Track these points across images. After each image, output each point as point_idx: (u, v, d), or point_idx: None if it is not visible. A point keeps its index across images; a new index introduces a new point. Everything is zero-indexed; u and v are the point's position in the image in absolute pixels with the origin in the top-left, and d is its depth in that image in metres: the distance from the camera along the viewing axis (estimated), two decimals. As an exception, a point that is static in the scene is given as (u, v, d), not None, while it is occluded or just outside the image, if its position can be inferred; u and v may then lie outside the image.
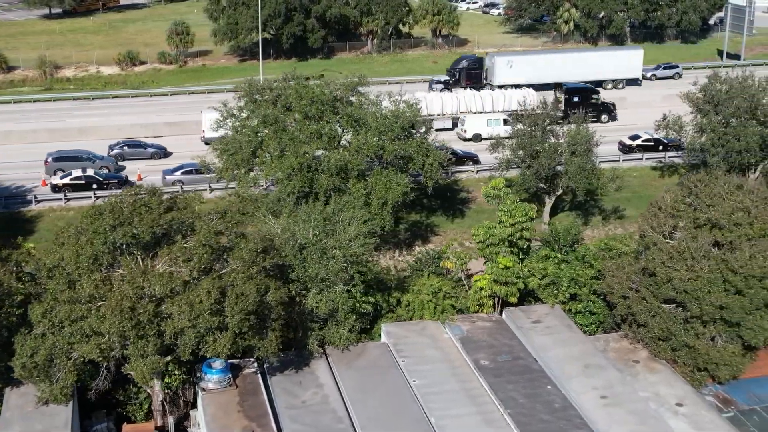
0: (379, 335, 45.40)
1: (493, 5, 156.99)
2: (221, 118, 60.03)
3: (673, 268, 42.42)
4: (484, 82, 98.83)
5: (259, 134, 57.18)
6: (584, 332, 47.63)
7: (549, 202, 64.99)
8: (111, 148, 75.91)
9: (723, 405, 41.55)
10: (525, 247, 49.19)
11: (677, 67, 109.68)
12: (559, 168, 62.39)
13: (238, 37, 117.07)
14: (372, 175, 57.26)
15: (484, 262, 47.95)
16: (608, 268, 47.07)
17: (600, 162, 74.96)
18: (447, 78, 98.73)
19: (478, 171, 72.79)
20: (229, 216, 40.49)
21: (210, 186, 67.17)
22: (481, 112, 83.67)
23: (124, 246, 38.27)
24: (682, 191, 46.93)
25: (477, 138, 79.75)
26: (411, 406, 38.96)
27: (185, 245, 38.10)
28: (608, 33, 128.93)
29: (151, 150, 76.49)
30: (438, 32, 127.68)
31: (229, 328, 36.51)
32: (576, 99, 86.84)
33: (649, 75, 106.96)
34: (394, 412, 38.47)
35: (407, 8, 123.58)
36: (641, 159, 76.48)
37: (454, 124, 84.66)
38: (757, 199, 44.35)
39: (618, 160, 76.30)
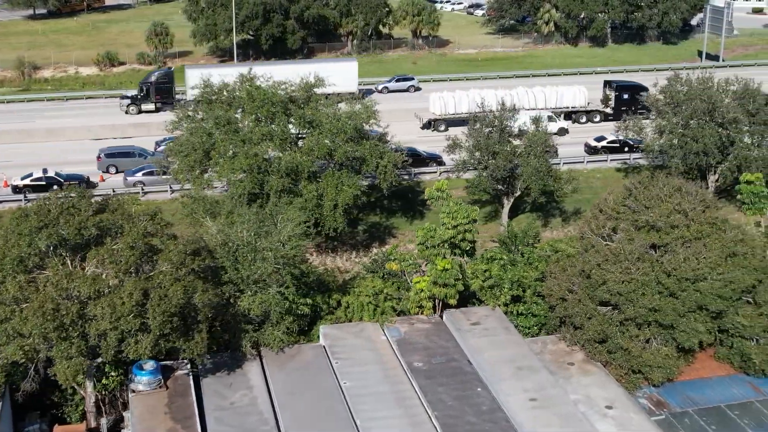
0: (318, 337, 45.36)
1: (478, 6, 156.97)
2: (177, 120, 60.13)
3: (608, 271, 42.38)
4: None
5: (211, 136, 57.17)
6: (526, 334, 47.61)
7: (507, 204, 64.94)
8: (158, 144, 75.68)
9: (656, 407, 41.46)
10: (468, 249, 49.09)
11: (412, 79, 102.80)
12: (517, 170, 62.36)
13: (217, 38, 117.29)
14: (324, 177, 57.28)
15: (425, 264, 47.88)
16: (551, 270, 47.07)
17: (564, 163, 75.37)
18: (135, 93, 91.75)
19: (441, 173, 72.72)
20: (159, 218, 40.44)
21: (171, 187, 67.16)
22: (533, 109, 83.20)
23: (52, 248, 38.26)
24: (623, 193, 46.86)
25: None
26: (339, 408, 38.94)
27: (113, 247, 38.10)
28: (589, 34, 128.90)
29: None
30: (418, 33, 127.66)
31: (151, 330, 36.48)
32: (625, 96, 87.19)
33: (380, 88, 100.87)
34: (321, 414, 38.45)
35: (387, 9, 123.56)
36: (606, 160, 76.37)
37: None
38: (695, 201, 44.26)
39: (583, 162, 76.27)
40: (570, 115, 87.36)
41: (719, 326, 43.85)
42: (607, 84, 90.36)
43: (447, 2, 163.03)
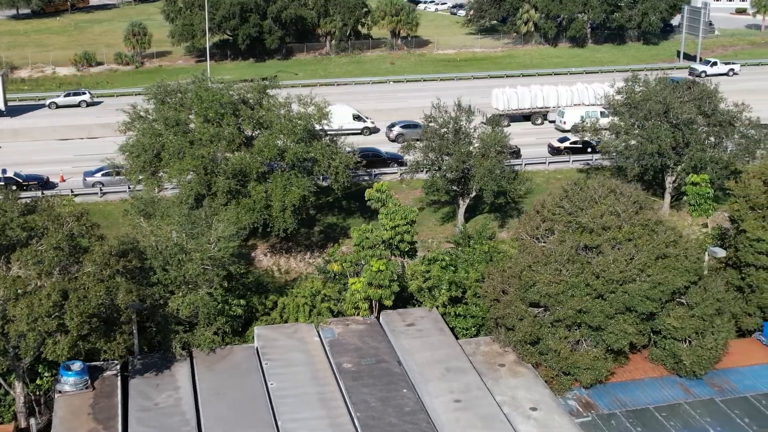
0: (253, 338, 45.40)
1: (461, 7, 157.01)
2: (129, 121, 60.22)
3: (538, 272, 42.37)
4: None
5: (161, 136, 57.27)
6: (464, 335, 47.63)
7: (463, 205, 64.97)
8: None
9: (584, 409, 41.41)
10: (407, 250, 49.12)
11: (84, 93, 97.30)
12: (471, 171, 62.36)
13: (194, 38, 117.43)
14: (272, 178, 57.35)
15: (362, 266, 47.87)
16: (489, 272, 47.03)
17: (527, 164, 75.46)
18: None
19: (401, 173, 72.73)
20: (85, 219, 40.50)
21: (129, 187, 67.22)
22: (579, 105, 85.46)
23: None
24: (559, 194, 46.81)
25: (575, 129, 79.05)
26: (262, 408, 38.96)
27: (37, 248, 38.17)
28: (568, 35, 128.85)
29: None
30: (397, 33, 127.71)
31: (69, 331, 36.54)
32: None
33: (48, 103, 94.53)
34: (243, 415, 38.46)
35: (365, 9, 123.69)
36: (569, 161, 76.36)
37: (544, 117, 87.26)
38: (629, 203, 44.22)
39: (545, 163, 76.28)
40: None
41: (652, 328, 43.78)
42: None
43: (431, 2, 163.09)
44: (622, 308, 41.62)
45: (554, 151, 77.70)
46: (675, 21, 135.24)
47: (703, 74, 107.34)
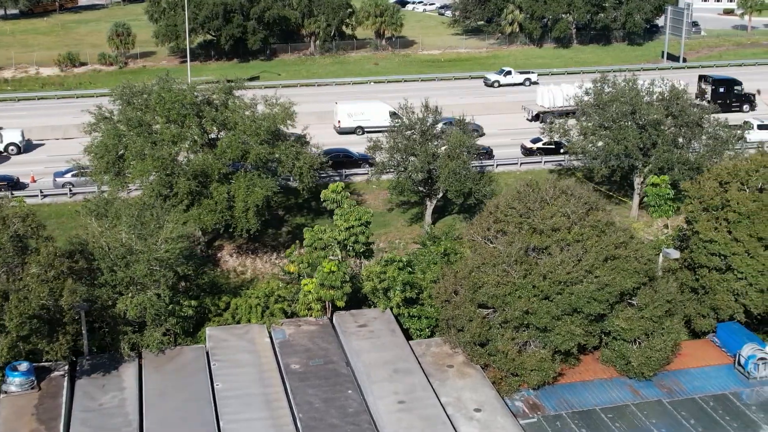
0: (205, 339, 45.46)
1: (448, 7, 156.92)
2: (94, 122, 60.27)
3: (486, 273, 42.39)
4: None
5: (123, 137, 57.33)
6: (418, 336, 47.67)
7: (430, 206, 64.99)
8: None
9: (530, 410, 41.42)
10: (362, 250, 49.15)
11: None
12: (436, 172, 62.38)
13: (178, 38, 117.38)
14: (235, 179, 57.41)
15: (300, 269, 47.82)
16: (444, 272, 47.06)
17: (498, 165, 75.46)
18: None
19: (372, 174, 72.68)
20: (31, 219, 40.58)
21: (99, 188, 67.25)
22: None
23: None
24: (513, 195, 46.80)
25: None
26: (205, 409, 39.04)
27: (-20, 249, 38.30)
28: (553, 35, 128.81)
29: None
30: (382, 34, 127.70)
31: (8, 332, 36.63)
32: (722, 90, 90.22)
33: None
34: (186, 416, 38.55)
35: (350, 10, 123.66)
36: (540, 162, 76.31)
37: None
38: (579, 204, 44.23)
39: (517, 164, 76.25)
40: None
41: (602, 329, 43.79)
42: (703, 78, 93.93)
43: (419, 3, 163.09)
44: (569, 309, 41.61)
45: (527, 151, 77.66)
46: (661, 22, 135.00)
47: (496, 84, 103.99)
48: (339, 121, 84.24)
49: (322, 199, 51.76)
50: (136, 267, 41.66)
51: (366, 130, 61.27)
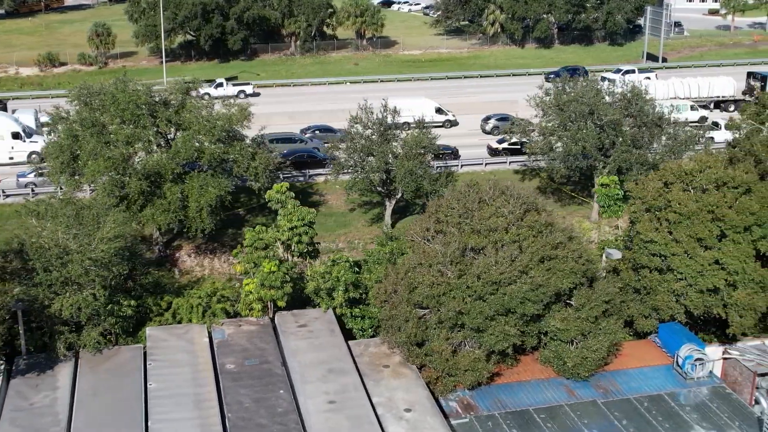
0: (145, 339, 45.56)
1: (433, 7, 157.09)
2: (52, 122, 60.47)
3: (421, 273, 42.45)
4: None
5: (77, 138, 57.45)
6: (361, 336, 47.74)
7: (389, 206, 65.06)
8: (303, 132, 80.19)
9: (463, 410, 41.47)
10: (306, 250, 49.25)
11: None
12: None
13: (158, 38, 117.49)
14: (188, 179, 57.51)
15: (247, 269, 47.89)
16: (387, 272, 47.10)
17: (463, 165, 75.54)
18: None
19: (331, 174, 72.64)
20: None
21: (61, 188, 67.39)
22: (674, 98, 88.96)
23: None
24: (455, 195, 46.85)
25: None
26: (135, 409, 39.13)
27: None
28: (534, 35, 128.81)
29: (339, 135, 77.00)
30: (362, 34, 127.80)
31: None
32: None
33: None
34: (116, 416, 38.63)
35: (330, 10, 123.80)
36: (506, 163, 76.34)
37: None
38: (517, 204, 44.27)
39: (482, 164, 76.29)
40: (719, 104, 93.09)
41: (539, 329, 43.82)
42: (751, 75, 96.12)
43: (405, 3, 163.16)
44: (502, 310, 41.62)
45: (493, 152, 77.72)
46: (642, 21, 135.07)
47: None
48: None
49: (266, 200, 51.83)
50: (71, 267, 41.75)
51: (411, 125, 64.66)
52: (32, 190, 68.48)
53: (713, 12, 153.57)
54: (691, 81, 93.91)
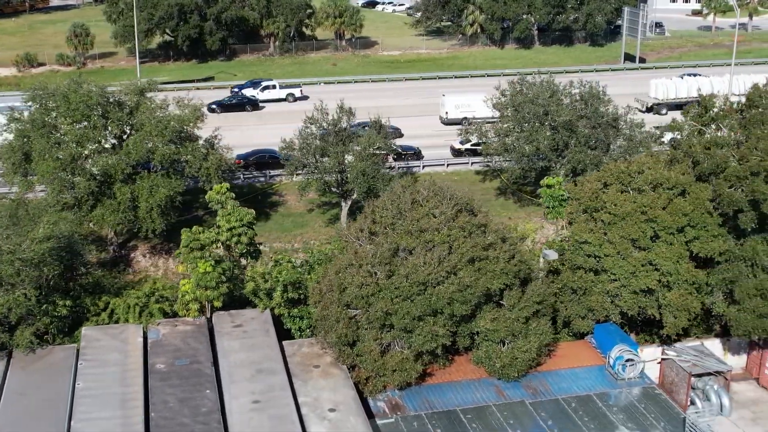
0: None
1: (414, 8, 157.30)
2: (6, 122, 60.73)
3: (351, 274, 42.61)
4: None
5: (29, 138, 57.75)
6: (300, 336, 47.88)
7: (345, 206, 65.23)
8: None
9: (390, 411, 41.65)
10: (245, 251, 49.44)
11: None
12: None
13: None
14: (139, 180, 57.77)
15: (188, 269, 48.03)
16: (325, 273, 47.25)
17: (425, 166, 75.72)
18: None
19: (298, 174, 72.88)
20: None
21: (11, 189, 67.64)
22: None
23: None
24: (390, 196, 46.97)
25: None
26: (60, 408, 39.30)
27: None
28: (513, 36, 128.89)
29: (390, 131, 78.06)
30: (341, 35, 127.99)
31: None
32: None
33: None
34: (40, 415, 38.76)
35: (309, 11, 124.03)
36: (468, 163, 76.48)
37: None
38: (450, 205, 44.41)
39: (444, 164, 76.44)
40: None
41: (471, 330, 43.95)
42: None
43: (389, 3, 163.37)
44: (429, 310, 41.75)
45: (456, 152, 77.86)
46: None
47: None
48: (447, 112, 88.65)
49: (207, 200, 52.03)
50: (1, 267, 41.94)
51: (471, 121, 66.17)
52: (-8, 190, 68.73)
53: (696, 13, 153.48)
54: (728, 78, 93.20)
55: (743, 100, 50.83)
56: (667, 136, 62.80)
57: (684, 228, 45.11)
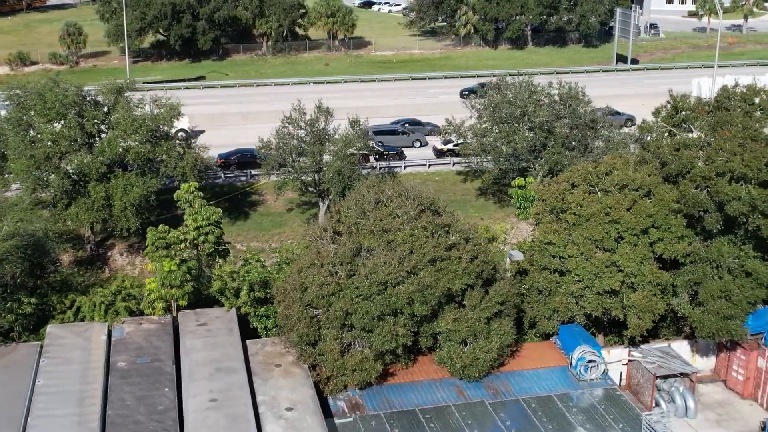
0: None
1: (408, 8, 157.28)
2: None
3: (312, 274, 42.67)
4: None
5: (3, 137, 58.06)
6: (266, 335, 47.95)
7: (323, 206, 65.30)
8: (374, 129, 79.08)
9: (350, 410, 41.69)
10: (212, 250, 49.55)
11: None
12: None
13: (129, 38, 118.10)
14: (113, 178, 57.96)
15: (155, 268, 48.18)
16: (290, 272, 47.31)
17: (407, 166, 75.78)
18: None
19: (263, 174, 72.82)
20: None
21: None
22: None
23: None
24: (355, 197, 47.01)
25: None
26: (18, 405, 39.43)
27: None
28: (506, 36, 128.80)
29: (428, 128, 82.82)
30: (334, 35, 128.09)
31: None
32: None
33: None
34: (-3, 412, 39.06)
35: (302, 11, 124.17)
36: (450, 164, 76.47)
37: None
38: (413, 205, 44.43)
39: (425, 165, 76.45)
40: None
41: (433, 330, 43.95)
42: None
43: (385, 4, 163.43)
44: (389, 310, 41.76)
45: (438, 153, 77.87)
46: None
47: None
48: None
49: (175, 199, 52.15)
50: (-36, 265, 42.23)
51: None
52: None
53: (692, 14, 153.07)
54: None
55: None
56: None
57: (648, 229, 45.02)
